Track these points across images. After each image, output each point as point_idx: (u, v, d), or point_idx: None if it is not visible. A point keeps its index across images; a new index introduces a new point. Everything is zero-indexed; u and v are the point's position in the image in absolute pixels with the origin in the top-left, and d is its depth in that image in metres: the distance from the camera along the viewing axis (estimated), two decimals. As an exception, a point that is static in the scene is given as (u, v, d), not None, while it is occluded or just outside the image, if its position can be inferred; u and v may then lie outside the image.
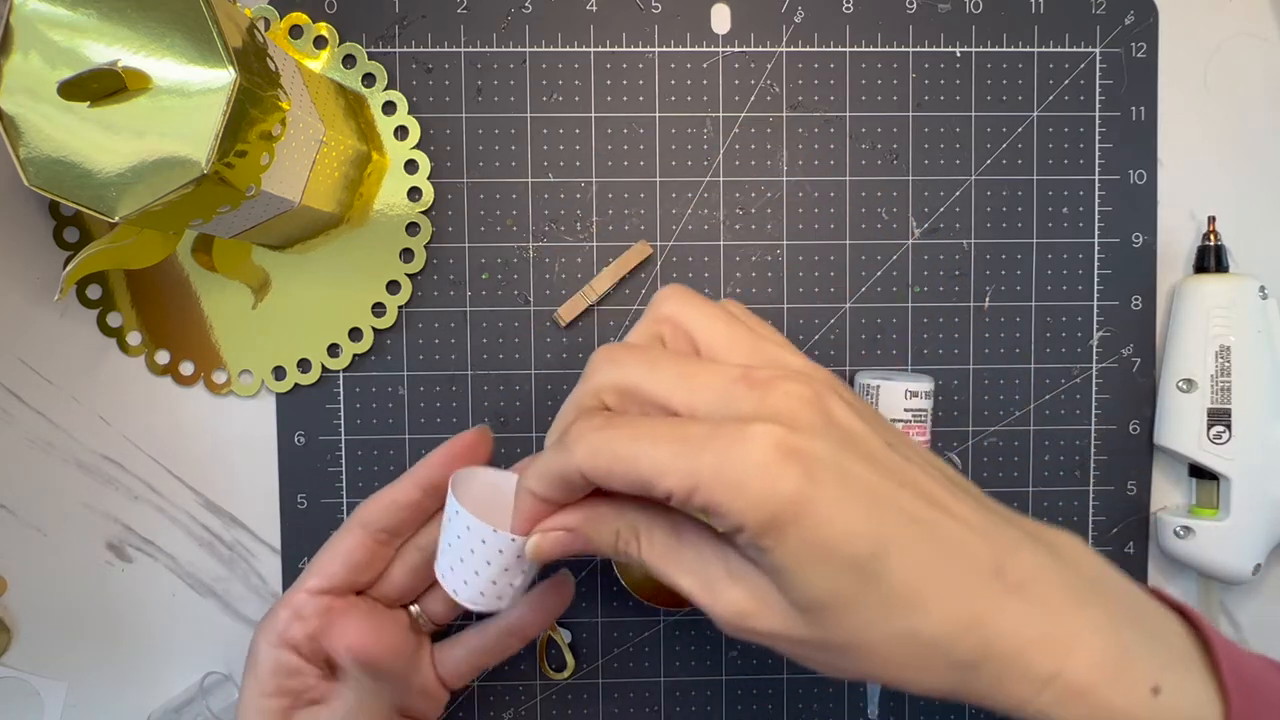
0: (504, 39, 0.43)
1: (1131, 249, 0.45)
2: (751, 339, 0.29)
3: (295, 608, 0.36)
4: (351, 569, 0.36)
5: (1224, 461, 0.42)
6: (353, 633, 0.35)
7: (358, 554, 0.36)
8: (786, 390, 0.26)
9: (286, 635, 0.35)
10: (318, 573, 0.36)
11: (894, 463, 0.26)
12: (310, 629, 0.35)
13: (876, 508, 0.25)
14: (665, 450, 0.25)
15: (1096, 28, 0.44)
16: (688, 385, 0.27)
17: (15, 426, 0.43)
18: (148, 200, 0.31)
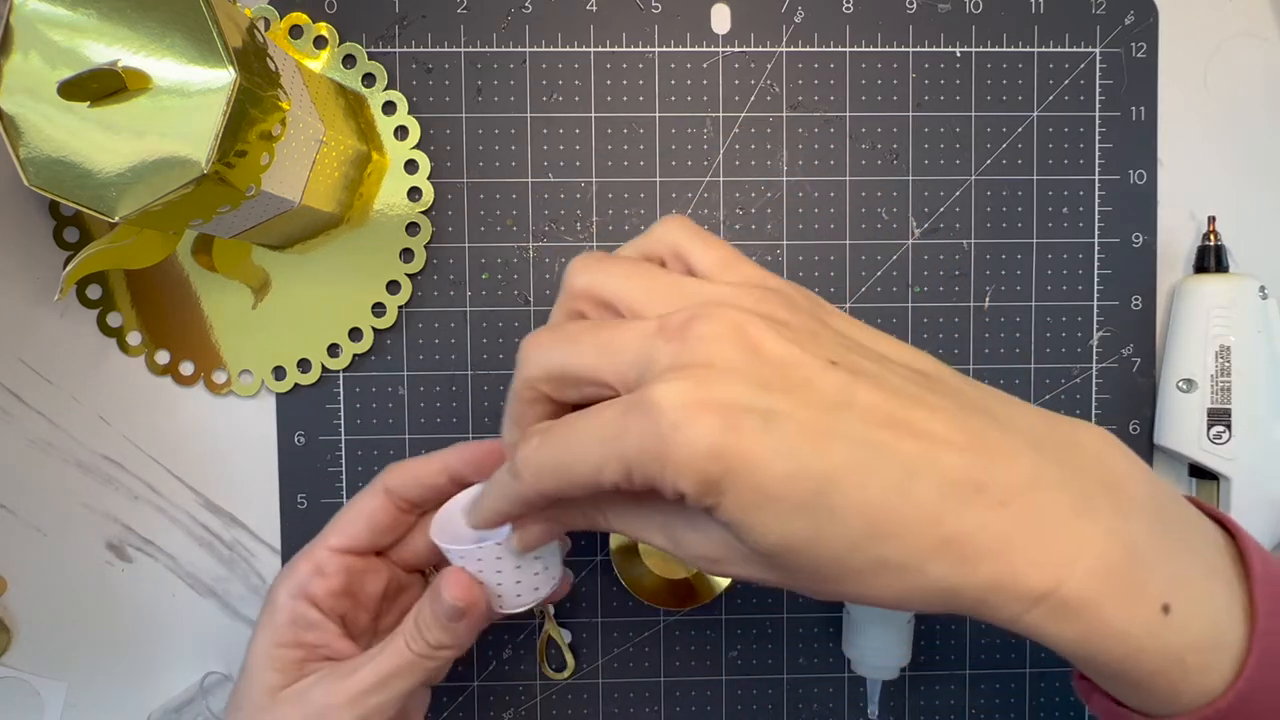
0: (504, 39, 0.43)
1: (1131, 249, 0.45)
2: (666, 279, 0.27)
3: (317, 563, 0.36)
4: (374, 531, 0.36)
5: (1224, 461, 0.42)
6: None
7: (381, 517, 0.36)
8: (701, 333, 0.24)
9: (307, 589, 0.35)
10: (340, 531, 0.36)
11: (837, 384, 0.24)
12: (331, 586, 0.35)
13: (813, 441, 0.23)
14: (594, 449, 0.24)
15: (1096, 28, 0.44)
16: (608, 354, 0.25)
17: (15, 426, 0.43)
18: (148, 200, 0.31)
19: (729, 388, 0.23)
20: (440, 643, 0.34)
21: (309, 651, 0.35)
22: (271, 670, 0.35)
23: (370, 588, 0.37)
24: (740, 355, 0.23)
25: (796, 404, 0.23)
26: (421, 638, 0.34)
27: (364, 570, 0.37)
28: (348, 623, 0.37)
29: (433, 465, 0.36)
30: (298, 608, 0.35)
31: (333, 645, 0.35)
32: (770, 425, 0.23)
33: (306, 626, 0.35)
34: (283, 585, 0.36)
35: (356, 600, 0.37)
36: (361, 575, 0.37)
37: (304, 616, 0.35)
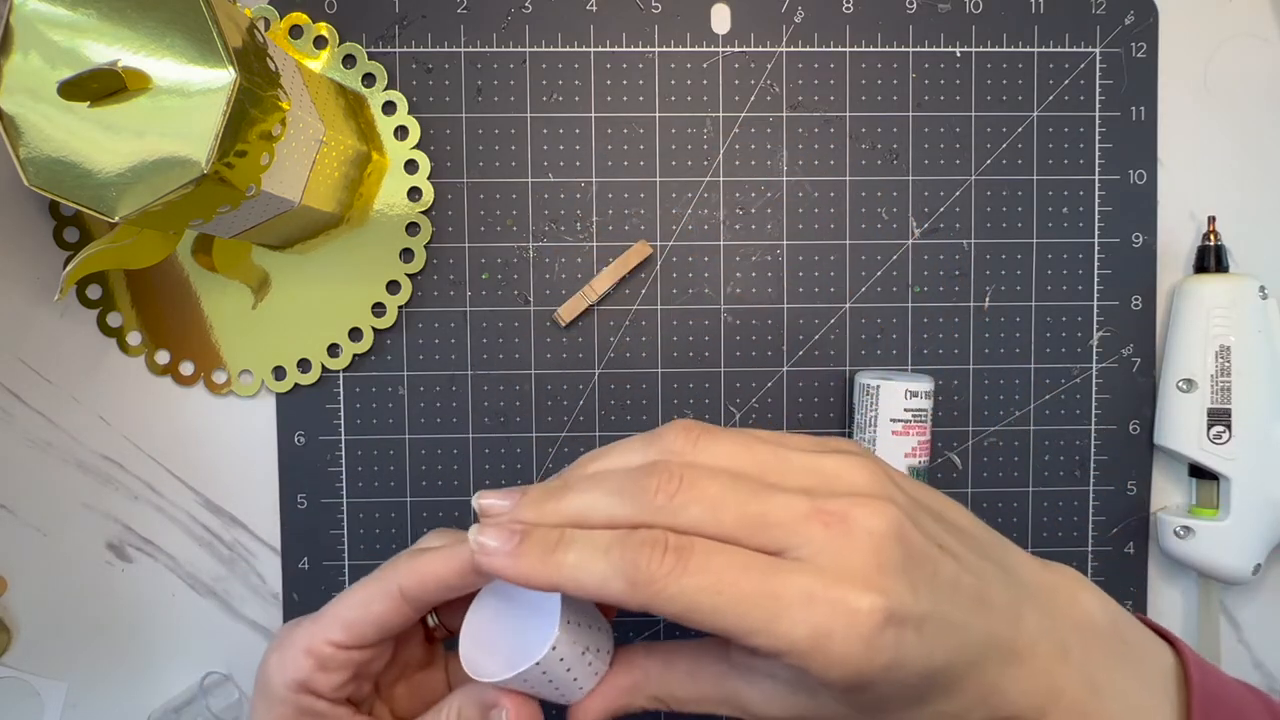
0: (504, 39, 0.43)
1: (1131, 249, 0.45)
2: (787, 453, 0.29)
3: (321, 660, 0.32)
4: (384, 632, 0.32)
5: (1224, 461, 0.42)
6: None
7: (394, 621, 0.32)
8: (868, 530, 0.26)
9: (310, 684, 0.32)
10: (345, 628, 0.32)
11: (950, 578, 0.28)
12: (336, 682, 0.32)
13: (944, 642, 0.27)
14: (752, 612, 0.26)
15: (1096, 28, 0.44)
16: (757, 524, 0.27)
17: (15, 426, 0.43)
18: (148, 200, 0.31)
19: (910, 604, 0.26)
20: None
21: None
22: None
23: (376, 666, 0.34)
24: (898, 558, 0.26)
25: (935, 604, 0.27)
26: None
27: (371, 658, 0.33)
28: (353, 699, 0.34)
29: (452, 565, 0.31)
30: (301, 701, 0.32)
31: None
32: (925, 632, 0.26)
33: (315, 717, 0.32)
34: (279, 675, 0.32)
35: (362, 679, 0.34)
36: (368, 662, 0.33)
37: (311, 708, 0.32)
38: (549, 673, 0.30)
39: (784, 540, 0.27)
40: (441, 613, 0.36)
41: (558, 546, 0.28)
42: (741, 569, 0.26)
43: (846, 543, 0.26)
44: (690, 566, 0.26)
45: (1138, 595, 0.45)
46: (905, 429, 0.41)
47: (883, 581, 0.26)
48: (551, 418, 0.44)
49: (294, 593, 0.44)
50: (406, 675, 0.36)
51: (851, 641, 0.25)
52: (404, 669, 0.36)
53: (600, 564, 0.27)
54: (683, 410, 0.44)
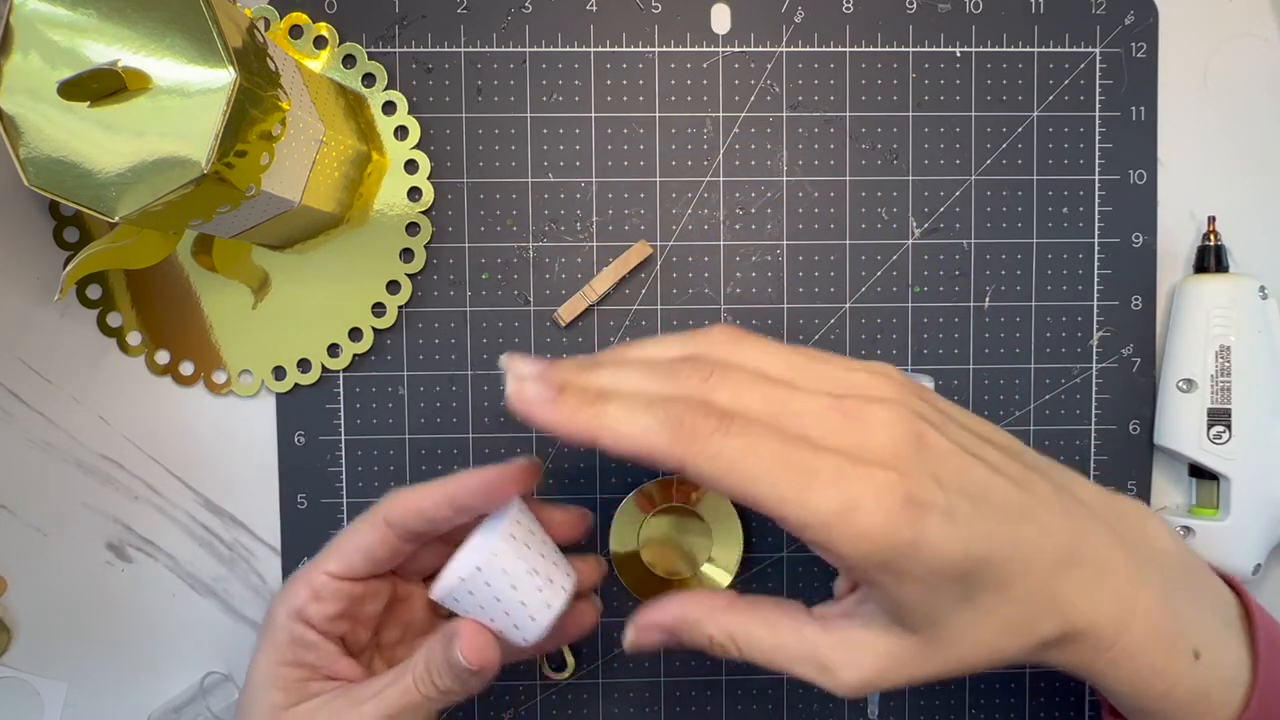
0: (504, 39, 0.43)
1: (1131, 249, 0.45)
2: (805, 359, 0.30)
3: (315, 588, 0.35)
4: (373, 563, 0.35)
5: (1224, 461, 0.42)
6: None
7: (379, 551, 0.35)
8: (884, 421, 0.28)
9: (304, 613, 0.35)
10: (338, 558, 0.35)
11: (982, 479, 0.28)
12: (328, 611, 0.35)
13: (975, 531, 0.27)
14: (785, 479, 0.27)
15: (1096, 28, 0.44)
16: (781, 406, 0.28)
17: (15, 426, 0.43)
18: (148, 200, 0.31)
19: (927, 489, 0.27)
20: (450, 689, 0.33)
21: (310, 671, 0.35)
22: (274, 689, 0.34)
23: (370, 608, 0.37)
24: (918, 451, 0.27)
25: (965, 503, 0.27)
26: (431, 682, 0.33)
27: (363, 594, 0.36)
28: (348, 641, 0.36)
29: (435, 496, 0.34)
30: (295, 629, 0.35)
31: (333, 666, 0.35)
32: (950, 520, 0.27)
33: (306, 647, 0.35)
34: (281, 605, 0.35)
35: (356, 620, 0.36)
36: (360, 599, 0.36)
37: (303, 637, 0.35)
38: (493, 585, 0.32)
39: (807, 427, 0.27)
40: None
41: (598, 399, 0.28)
42: (779, 439, 0.27)
43: (865, 433, 0.27)
44: (733, 429, 0.27)
45: (1138, 595, 0.45)
46: (905, 429, 0.41)
47: (901, 465, 0.27)
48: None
49: (294, 593, 0.44)
50: (408, 639, 0.39)
51: (876, 514, 0.26)
52: (406, 630, 0.38)
53: (644, 416, 0.27)
54: (683, 410, 0.44)
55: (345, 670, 0.35)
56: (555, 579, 0.34)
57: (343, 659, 0.36)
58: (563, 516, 0.37)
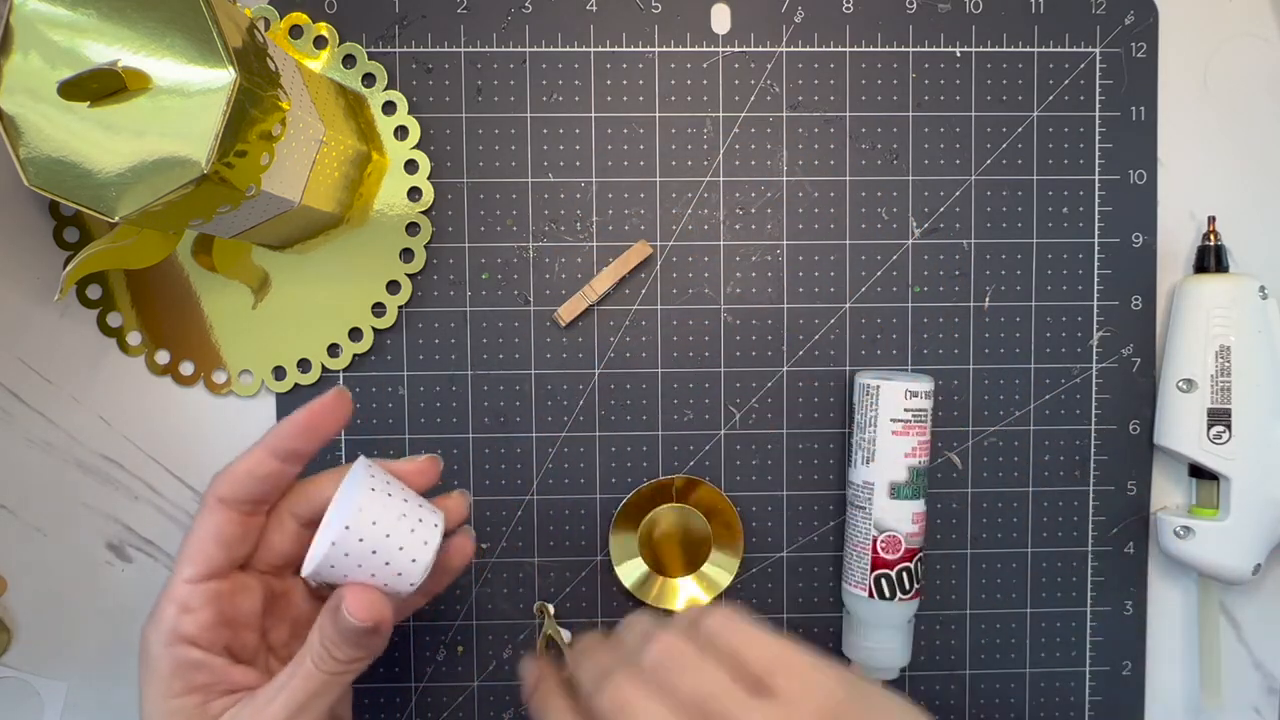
0: (504, 39, 0.43)
1: (1131, 249, 0.45)
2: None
3: (180, 601, 0.33)
4: (225, 547, 0.33)
5: (1224, 461, 0.42)
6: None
7: (226, 530, 0.33)
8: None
9: (179, 631, 0.33)
10: (191, 560, 0.33)
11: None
12: (202, 620, 0.33)
13: None
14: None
15: (1096, 28, 0.44)
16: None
17: (15, 426, 0.43)
18: (148, 200, 0.31)
19: None
20: (351, 657, 0.32)
21: (205, 693, 0.33)
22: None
23: (246, 607, 0.35)
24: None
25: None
26: (330, 657, 0.32)
27: (232, 592, 0.34)
28: (234, 650, 0.34)
29: (255, 455, 0.34)
30: (176, 653, 0.33)
31: (228, 678, 0.33)
32: None
33: (192, 668, 0.33)
34: (152, 633, 0.33)
35: (236, 625, 0.34)
36: (232, 598, 0.34)
37: (185, 659, 0.33)
38: (366, 539, 0.32)
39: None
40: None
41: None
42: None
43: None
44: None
45: (1138, 595, 0.45)
46: (905, 429, 0.41)
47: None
48: (551, 418, 0.44)
49: (294, 593, 0.44)
50: (298, 633, 0.37)
51: None
52: (293, 626, 0.37)
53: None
54: (683, 411, 0.44)
55: (241, 679, 0.34)
56: (425, 518, 0.33)
57: (235, 668, 0.34)
58: (411, 466, 0.36)
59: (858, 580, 0.42)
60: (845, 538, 0.43)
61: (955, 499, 0.45)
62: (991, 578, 0.45)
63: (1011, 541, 0.45)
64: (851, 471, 0.43)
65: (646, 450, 0.44)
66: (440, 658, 0.44)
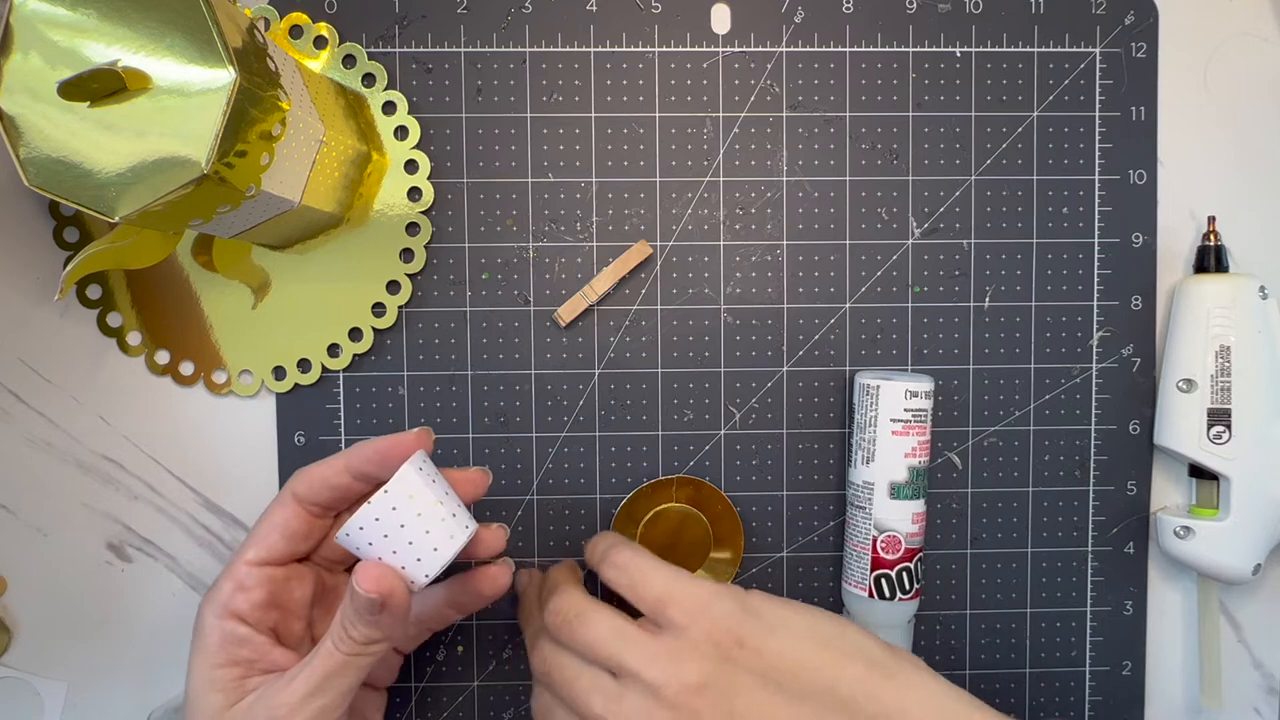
0: (504, 39, 0.43)
1: (1131, 249, 0.45)
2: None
3: (238, 579, 0.36)
4: (289, 539, 0.36)
5: (1224, 461, 0.42)
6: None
7: (294, 525, 0.36)
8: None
9: (231, 606, 0.35)
10: (256, 544, 0.36)
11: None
12: (254, 599, 0.35)
13: None
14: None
15: (1096, 28, 0.44)
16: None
17: (15, 426, 0.43)
18: (148, 200, 0.31)
19: None
20: (367, 638, 0.33)
21: (246, 668, 0.35)
22: (213, 692, 0.35)
23: (297, 594, 0.37)
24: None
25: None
26: (347, 636, 0.33)
27: (287, 578, 0.37)
28: (280, 633, 0.37)
29: (335, 465, 0.36)
30: (225, 626, 0.35)
31: (268, 658, 0.35)
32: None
33: (238, 643, 0.35)
34: (207, 606, 0.36)
35: (285, 609, 0.37)
36: (285, 584, 0.37)
37: (233, 633, 0.35)
38: (399, 510, 0.32)
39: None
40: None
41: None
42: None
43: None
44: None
45: (1138, 595, 0.45)
46: (905, 429, 0.41)
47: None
48: (551, 418, 0.44)
49: (294, 593, 0.44)
50: None
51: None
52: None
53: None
54: (683, 411, 0.44)
55: (281, 661, 0.35)
56: (459, 516, 0.34)
57: (276, 649, 0.36)
58: (461, 474, 0.37)
59: (858, 580, 0.42)
60: (845, 538, 0.43)
61: (955, 499, 0.45)
62: (991, 578, 0.45)
63: (1011, 541, 0.45)
64: (851, 471, 0.43)
65: (646, 450, 0.44)
66: (440, 658, 0.44)
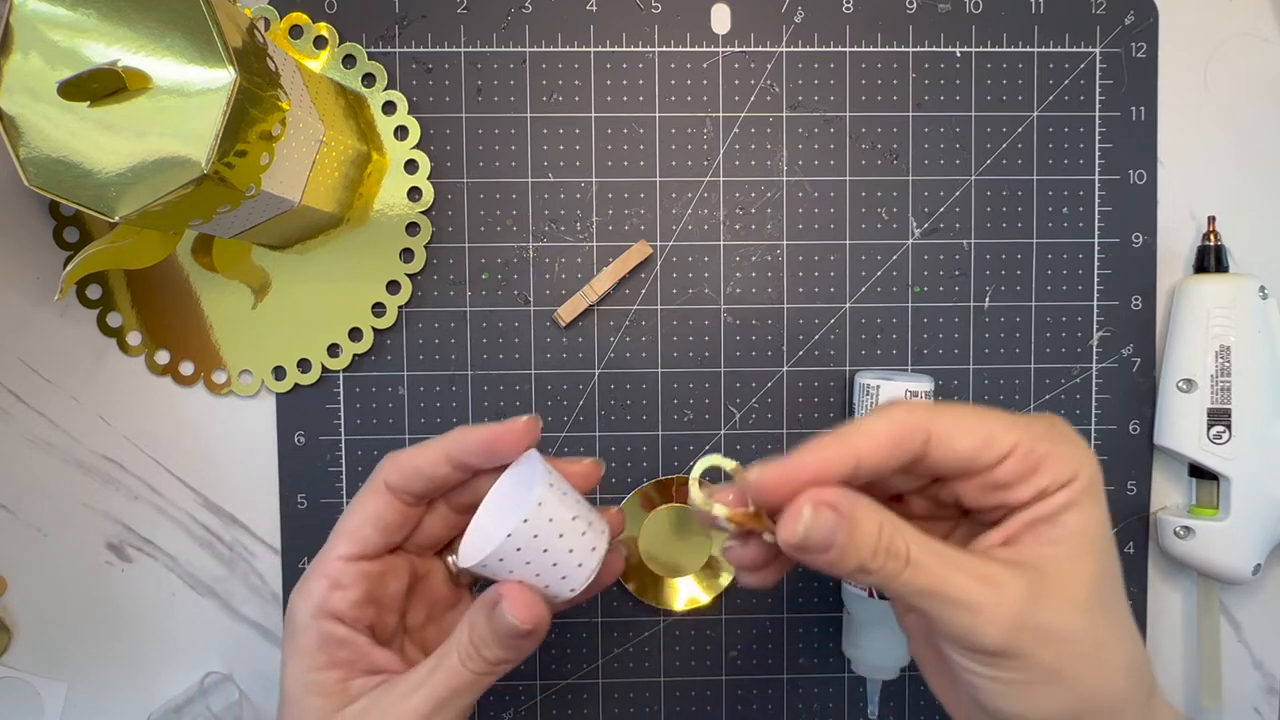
0: (504, 39, 0.43)
1: (1131, 249, 0.45)
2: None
3: (333, 576, 0.33)
4: (383, 532, 0.34)
5: (1224, 461, 0.42)
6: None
7: (388, 516, 0.34)
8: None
9: (328, 606, 0.33)
10: (348, 538, 0.34)
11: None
12: (352, 598, 0.33)
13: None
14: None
15: (1096, 28, 0.44)
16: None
17: (15, 426, 0.43)
18: (148, 200, 0.31)
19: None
20: (501, 659, 0.32)
21: (347, 669, 0.33)
22: (315, 697, 0.32)
23: (393, 588, 0.35)
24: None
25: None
26: (479, 656, 0.31)
27: (383, 573, 0.34)
28: (376, 630, 0.34)
29: (432, 454, 0.33)
30: (323, 627, 0.33)
31: (368, 658, 0.33)
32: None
33: (337, 644, 0.33)
34: (301, 604, 0.33)
35: (381, 605, 0.34)
36: (381, 579, 0.34)
37: (331, 634, 0.33)
38: (540, 536, 0.30)
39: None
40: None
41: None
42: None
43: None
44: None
45: (1138, 595, 0.45)
46: (905, 429, 0.41)
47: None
48: (551, 418, 0.44)
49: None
50: (435, 616, 0.37)
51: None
52: (431, 609, 0.37)
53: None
54: (683, 411, 0.44)
55: (382, 661, 0.33)
56: (594, 523, 0.32)
57: (376, 650, 0.33)
58: (577, 468, 0.35)
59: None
60: (845, 538, 0.43)
61: (955, 499, 0.45)
62: (991, 578, 0.45)
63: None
64: (851, 471, 0.43)
65: (646, 450, 0.44)
66: (440, 658, 0.44)
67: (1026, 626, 0.27)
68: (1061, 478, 0.28)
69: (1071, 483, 0.28)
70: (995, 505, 0.29)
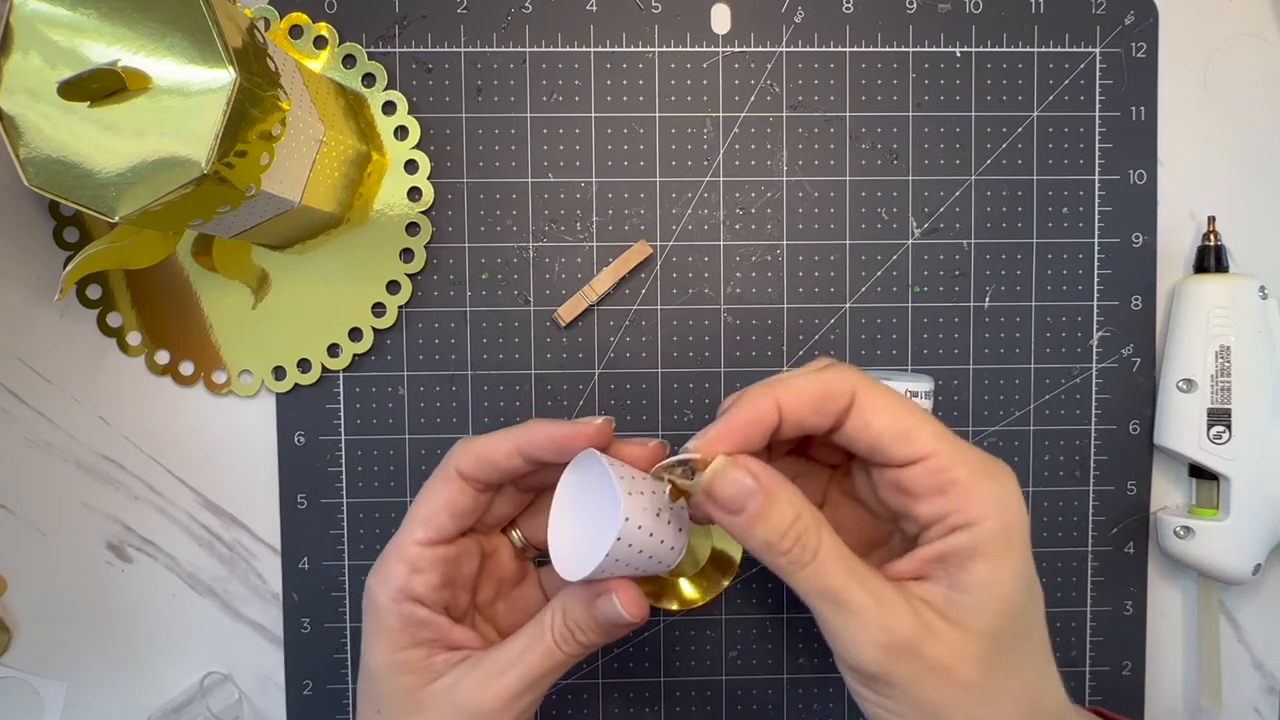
0: (504, 39, 0.43)
1: (1131, 249, 0.45)
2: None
3: (411, 561, 0.34)
4: (457, 518, 0.35)
5: (1224, 461, 0.42)
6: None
7: (461, 503, 0.35)
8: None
9: (409, 590, 0.34)
10: (424, 524, 0.35)
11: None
12: (431, 581, 0.34)
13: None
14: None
15: (1096, 28, 0.44)
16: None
17: (15, 426, 0.43)
18: (148, 200, 0.31)
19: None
20: (594, 644, 0.33)
21: (429, 648, 0.34)
22: (401, 675, 0.34)
23: (466, 569, 0.36)
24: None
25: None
26: (575, 640, 0.33)
27: (457, 557, 0.35)
28: (450, 608, 0.36)
29: (505, 446, 0.34)
30: (404, 609, 0.34)
31: (449, 637, 0.35)
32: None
33: (419, 625, 0.34)
34: (380, 588, 0.34)
35: (456, 585, 0.36)
36: (455, 561, 0.35)
37: (413, 616, 0.34)
38: (635, 544, 0.31)
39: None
40: (523, 527, 0.38)
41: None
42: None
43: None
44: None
45: (1138, 595, 0.45)
46: (905, 429, 0.41)
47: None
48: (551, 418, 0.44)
49: (294, 593, 0.44)
50: (503, 592, 0.38)
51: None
52: (499, 585, 0.38)
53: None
54: (683, 411, 0.44)
55: (461, 638, 0.35)
56: (673, 507, 0.33)
57: (455, 627, 0.35)
58: (643, 451, 0.35)
59: (858, 580, 0.42)
60: (845, 538, 0.43)
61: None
62: (991, 578, 0.45)
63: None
64: (851, 471, 0.43)
65: (646, 450, 0.44)
66: (440, 658, 0.44)
67: (906, 657, 0.28)
68: (967, 514, 0.28)
69: (975, 525, 0.28)
70: (903, 512, 0.30)
